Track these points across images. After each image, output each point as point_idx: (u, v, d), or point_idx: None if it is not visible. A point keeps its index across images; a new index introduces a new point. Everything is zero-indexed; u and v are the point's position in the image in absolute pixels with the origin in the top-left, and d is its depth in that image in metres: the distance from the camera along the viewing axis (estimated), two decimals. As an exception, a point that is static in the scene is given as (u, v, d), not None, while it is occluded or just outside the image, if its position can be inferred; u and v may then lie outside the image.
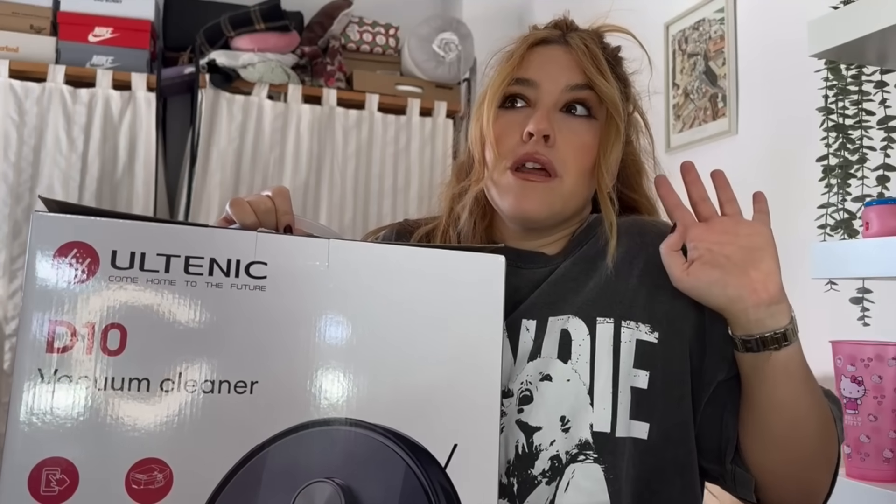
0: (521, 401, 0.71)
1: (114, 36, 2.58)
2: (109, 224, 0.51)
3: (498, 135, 0.77)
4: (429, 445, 0.55)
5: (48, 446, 0.48)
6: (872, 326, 1.20)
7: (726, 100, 2.21)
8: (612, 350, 0.72)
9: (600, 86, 0.76)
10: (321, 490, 0.52)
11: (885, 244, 0.91)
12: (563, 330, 0.73)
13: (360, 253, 0.56)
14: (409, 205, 2.86)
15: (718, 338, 0.73)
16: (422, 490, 0.54)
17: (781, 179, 2.04)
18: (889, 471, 0.90)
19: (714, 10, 2.24)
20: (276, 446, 0.51)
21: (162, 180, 2.64)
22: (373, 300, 0.55)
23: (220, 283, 0.52)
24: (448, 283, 0.57)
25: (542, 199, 0.75)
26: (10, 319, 2.40)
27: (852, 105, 1.23)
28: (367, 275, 0.55)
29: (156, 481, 0.49)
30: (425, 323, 0.56)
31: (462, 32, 2.88)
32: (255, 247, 0.53)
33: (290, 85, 2.71)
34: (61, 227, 0.50)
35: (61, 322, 0.49)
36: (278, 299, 0.53)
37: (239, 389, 0.51)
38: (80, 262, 0.49)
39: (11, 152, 2.43)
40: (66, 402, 0.48)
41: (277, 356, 0.53)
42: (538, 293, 0.77)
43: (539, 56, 0.79)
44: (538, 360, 0.72)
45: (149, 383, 0.50)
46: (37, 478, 0.47)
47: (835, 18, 1.02)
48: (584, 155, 0.76)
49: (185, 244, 0.52)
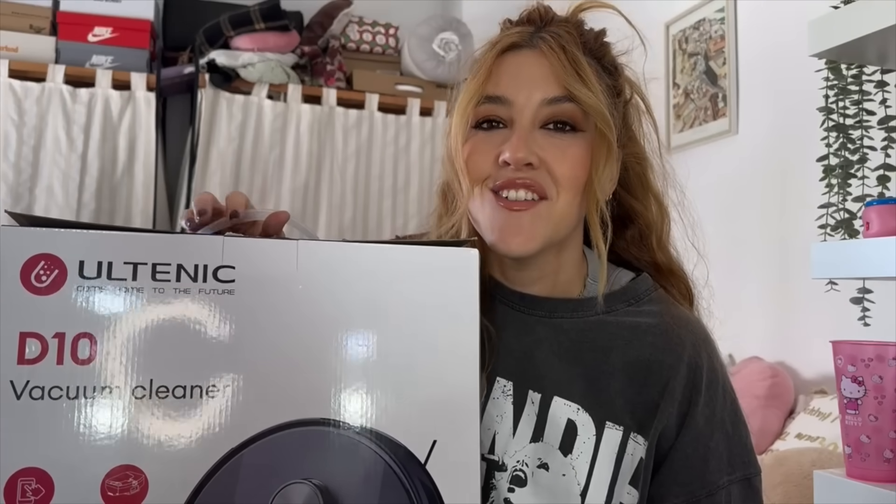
0: (513, 480, 0.68)
1: (113, 36, 2.58)
2: (75, 235, 0.51)
3: (469, 157, 0.69)
4: (407, 443, 0.54)
5: (22, 457, 0.48)
6: (873, 326, 1.20)
7: (726, 100, 2.20)
8: (614, 460, 0.68)
9: (582, 97, 0.67)
10: (299, 491, 0.52)
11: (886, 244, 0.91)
12: (570, 421, 0.69)
13: (329, 253, 0.56)
14: (409, 205, 2.86)
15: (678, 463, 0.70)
16: (402, 488, 0.53)
17: (781, 179, 2.04)
18: (889, 471, 0.90)
19: (714, 9, 2.24)
20: (251, 448, 0.51)
21: (161, 180, 2.64)
22: (344, 299, 0.55)
23: (188, 288, 0.52)
24: (421, 280, 0.57)
25: (530, 229, 0.68)
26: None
27: (853, 105, 1.22)
28: (337, 274, 0.55)
29: (131, 488, 0.49)
30: (399, 320, 0.56)
31: (462, 32, 2.88)
32: (223, 251, 0.53)
33: (290, 85, 2.71)
34: (28, 240, 0.50)
35: (31, 334, 0.49)
36: (248, 302, 0.53)
37: (211, 393, 0.51)
38: (47, 274, 0.50)
39: (11, 152, 2.44)
40: (37, 412, 0.48)
41: (249, 359, 0.52)
42: (550, 358, 0.71)
43: (509, 66, 0.70)
44: (539, 444, 0.68)
45: (121, 391, 0.50)
46: (12, 488, 0.48)
47: (835, 18, 1.02)
48: (576, 170, 0.68)
49: (151, 251, 0.52)
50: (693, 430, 0.70)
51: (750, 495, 0.72)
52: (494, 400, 0.70)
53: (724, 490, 0.70)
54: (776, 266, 2.04)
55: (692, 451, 0.70)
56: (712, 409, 0.72)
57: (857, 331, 1.20)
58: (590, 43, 0.73)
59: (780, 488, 1.46)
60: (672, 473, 0.70)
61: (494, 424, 0.69)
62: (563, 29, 0.72)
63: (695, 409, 0.70)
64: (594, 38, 0.74)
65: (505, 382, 0.70)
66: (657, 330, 0.72)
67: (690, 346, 0.72)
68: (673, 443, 0.70)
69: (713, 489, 0.70)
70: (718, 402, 0.72)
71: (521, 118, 0.69)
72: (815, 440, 1.68)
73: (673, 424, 0.70)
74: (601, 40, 0.74)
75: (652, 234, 0.78)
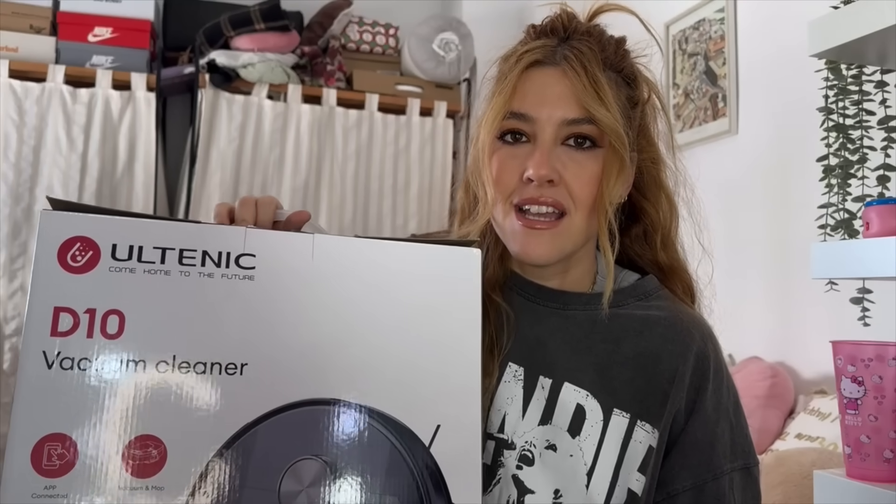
0: (521, 458, 0.71)
1: (114, 36, 2.58)
2: (110, 220, 0.55)
3: (497, 172, 0.74)
4: (413, 426, 0.57)
5: (50, 423, 0.51)
6: (872, 326, 1.21)
7: (726, 100, 2.21)
8: (620, 444, 0.71)
9: (600, 118, 0.71)
10: (309, 467, 0.55)
11: (886, 244, 0.91)
12: (579, 406, 0.72)
13: (342, 247, 0.60)
14: (409, 205, 2.86)
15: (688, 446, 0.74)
16: (407, 469, 0.56)
17: (781, 179, 2.05)
18: (889, 471, 0.90)
19: (714, 9, 2.24)
20: (264, 425, 0.54)
21: (162, 180, 2.64)
22: (356, 289, 0.59)
23: (212, 273, 0.56)
24: (426, 276, 0.61)
25: (550, 244, 0.73)
26: (9, 319, 2.40)
27: (852, 105, 1.22)
28: (350, 266, 0.59)
29: (150, 457, 0.52)
30: (406, 309, 0.60)
31: (462, 32, 2.88)
32: (245, 241, 0.57)
33: (290, 85, 2.71)
34: (66, 224, 0.54)
35: (64, 308, 0.53)
36: (266, 288, 0.57)
37: (230, 371, 0.55)
38: (82, 255, 0.54)
39: (11, 152, 2.44)
40: (67, 381, 0.52)
41: (266, 340, 0.56)
42: (562, 347, 0.75)
43: (533, 84, 0.74)
44: (548, 426, 0.72)
45: (145, 364, 0.53)
46: (39, 452, 0.51)
47: (835, 18, 1.02)
48: (592, 187, 0.73)
49: (179, 238, 0.56)
50: (702, 414, 0.74)
51: (749, 484, 0.76)
52: (505, 383, 0.73)
53: (727, 476, 0.74)
54: (776, 266, 2.04)
55: (701, 436, 0.74)
56: (718, 397, 0.76)
57: (857, 331, 1.20)
58: (610, 56, 0.76)
59: (780, 488, 1.46)
60: (681, 457, 0.74)
61: (505, 406, 0.72)
62: (586, 44, 0.74)
63: (703, 396, 0.75)
64: (614, 50, 0.76)
65: (516, 367, 0.74)
66: (667, 322, 0.76)
67: (699, 337, 0.77)
68: (683, 427, 0.74)
69: (718, 474, 0.73)
70: (724, 391, 0.77)
71: (543, 135, 0.73)
72: (815, 440, 1.68)
73: (682, 410, 0.74)
74: (621, 50, 0.78)
75: (657, 234, 0.81)
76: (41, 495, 0.50)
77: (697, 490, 0.73)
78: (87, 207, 0.55)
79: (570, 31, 0.76)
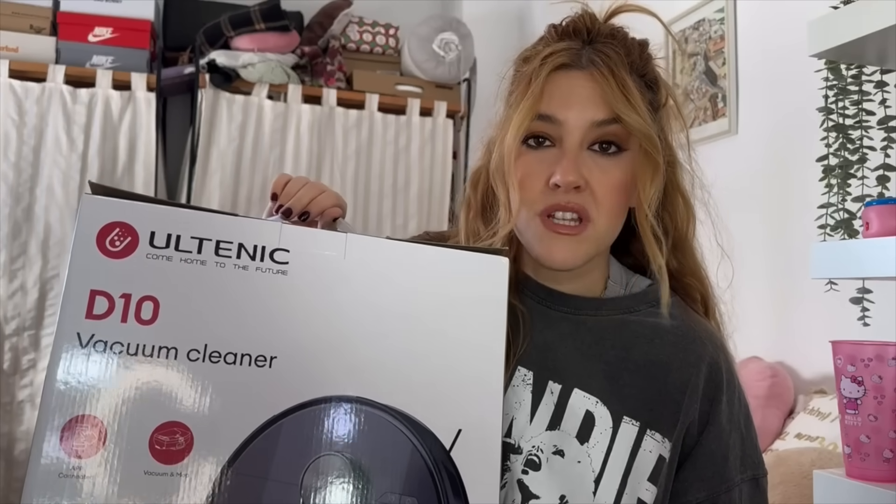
0: (527, 463, 0.71)
1: (114, 36, 2.58)
2: (149, 208, 0.56)
3: (522, 177, 0.72)
4: (434, 428, 0.58)
5: (80, 404, 0.52)
6: (872, 326, 1.21)
7: (726, 100, 2.21)
8: (629, 452, 0.71)
9: (631, 122, 0.70)
10: (331, 463, 0.55)
11: (885, 244, 0.91)
12: (588, 412, 0.72)
13: (374, 246, 0.61)
14: (409, 205, 2.86)
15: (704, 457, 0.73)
16: (427, 470, 0.57)
17: (781, 179, 2.04)
18: (889, 471, 0.90)
19: (714, 9, 2.24)
20: (290, 419, 0.55)
21: (162, 180, 2.64)
22: (385, 289, 0.60)
23: (247, 265, 0.57)
24: (456, 279, 0.61)
25: (575, 250, 0.72)
26: (9, 319, 2.40)
27: (852, 105, 1.23)
28: (381, 266, 0.60)
29: (177, 443, 0.53)
30: (433, 315, 0.60)
31: (462, 32, 2.88)
32: (280, 236, 0.58)
33: (290, 85, 2.71)
34: (106, 209, 0.55)
35: (100, 292, 0.54)
36: (298, 283, 0.58)
37: (259, 363, 0.55)
38: (121, 240, 0.55)
39: (11, 152, 2.44)
40: (99, 364, 0.53)
41: (296, 335, 0.57)
42: (572, 353, 0.74)
43: (560, 87, 0.72)
44: (556, 431, 0.71)
45: (177, 352, 0.54)
46: (68, 432, 0.51)
47: (835, 18, 1.02)
48: (617, 194, 0.72)
49: (216, 229, 0.57)
50: (717, 426, 0.74)
51: (757, 495, 0.75)
52: (514, 388, 0.73)
53: (738, 488, 0.73)
54: (776, 266, 2.04)
55: (716, 447, 0.73)
56: (731, 408, 0.75)
57: (857, 331, 1.20)
58: (635, 61, 0.75)
59: (780, 488, 1.46)
60: (695, 469, 0.73)
61: (512, 410, 0.72)
62: (611, 48, 0.74)
63: (717, 407, 0.74)
64: (638, 54, 0.76)
65: (525, 372, 0.73)
66: (678, 331, 0.76)
67: (711, 347, 0.76)
68: (697, 439, 0.73)
69: (730, 485, 0.73)
70: (736, 402, 0.76)
71: (570, 138, 0.72)
72: (815, 440, 1.68)
73: (696, 421, 0.73)
74: (645, 54, 0.77)
75: (669, 238, 0.80)
76: (67, 475, 0.50)
77: (711, 503, 0.72)
78: (128, 194, 0.56)
79: (594, 34, 0.75)
